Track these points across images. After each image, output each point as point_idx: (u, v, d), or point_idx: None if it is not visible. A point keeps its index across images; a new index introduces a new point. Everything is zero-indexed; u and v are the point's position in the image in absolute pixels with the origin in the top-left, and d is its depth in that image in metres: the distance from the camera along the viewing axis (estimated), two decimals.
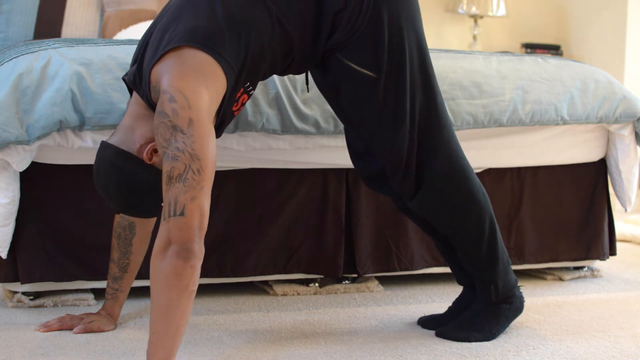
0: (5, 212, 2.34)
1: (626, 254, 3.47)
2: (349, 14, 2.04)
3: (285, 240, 2.64)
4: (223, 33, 1.92)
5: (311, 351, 2.14)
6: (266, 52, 2.00)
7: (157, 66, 1.91)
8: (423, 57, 2.15)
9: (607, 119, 2.86)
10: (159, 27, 2.00)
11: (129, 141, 2.00)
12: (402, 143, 2.13)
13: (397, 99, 2.11)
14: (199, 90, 1.86)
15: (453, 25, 5.26)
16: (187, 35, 1.91)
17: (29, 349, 2.08)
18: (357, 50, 2.07)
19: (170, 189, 1.81)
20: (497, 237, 2.27)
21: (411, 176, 2.18)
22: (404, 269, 2.77)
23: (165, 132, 1.83)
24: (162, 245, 1.81)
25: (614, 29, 4.88)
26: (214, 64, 1.90)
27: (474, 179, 2.24)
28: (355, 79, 2.09)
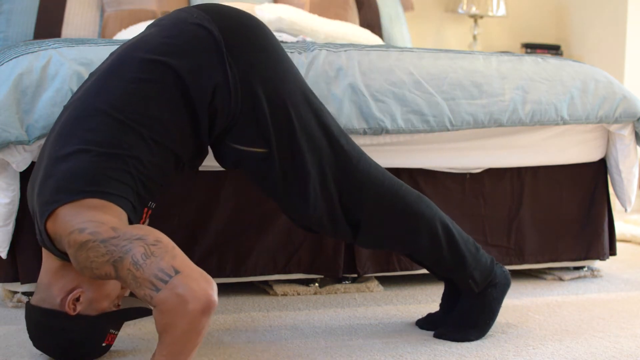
0: (6, 212, 2.34)
1: (626, 254, 3.47)
2: (221, 101, 1.99)
3: (285, 240, 2.64)
4: (104, 170, 1.86)
5: (311, 351, 2.14)
6: (152, 172, 1.94)
7: (51, 222, 1.83)
8: (312, 106, 2.10)
9: (607, 119, 2.86)
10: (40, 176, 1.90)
11: (49, 299, 1.92)
12: (316, 204, 2.10)
13: (295, 163, 2.07)
14: (104, 216, 1.80)
15: (453, 25, 5.27)
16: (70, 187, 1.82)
17: (29, 349, 2.08)
18: (242, 132, 2.03)
19: (147, 268, 1.69)
20: (454, 236, 2.23)
21: (342, 224, 2.15)
22: (404, 269, 2.77)
23: (99, 251, 1.74)
24: (176, 307, 1.67)
25: (614, 29, 4.89)
26: (108, 204, 1.83)
27: (409, 194, 2.20)
28: (249, 159, 2.06)
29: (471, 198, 2.84)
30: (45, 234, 1.85)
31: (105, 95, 1.95)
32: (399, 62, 2.67)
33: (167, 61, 1.98)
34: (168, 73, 1.98)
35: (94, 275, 1.77)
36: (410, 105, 2.61)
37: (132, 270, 1.70)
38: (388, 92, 2.60)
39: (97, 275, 1.77)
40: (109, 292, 1.95)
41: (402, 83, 2.62)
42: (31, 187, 1.97)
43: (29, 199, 1.99)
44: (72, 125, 1.93)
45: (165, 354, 1.72)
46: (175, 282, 1.68)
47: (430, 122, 2.63)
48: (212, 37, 2.01)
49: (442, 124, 2.64)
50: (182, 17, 2.08)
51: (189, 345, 1.72)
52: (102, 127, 1.90)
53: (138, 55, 2.00)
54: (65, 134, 1.92)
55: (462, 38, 5.26)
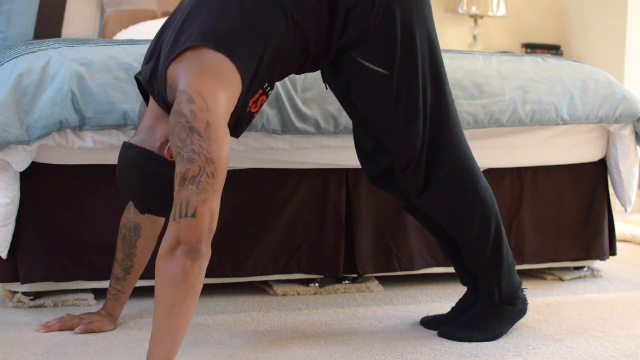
0: (5, 212, 2.34)
1: (626, 254, 3.47)
2: (361, 10, 2.05)
3: (285, 240, 2.64)
4: (239, 34, 1.93)
5: (311, 351, 2.14)
6: (282, 52, 2.01)
7: (174, 65, 1.91)
8: (434, 55, 2.15)
9: (607, 119, 2.86)
10: (173, 26, 2.00)
11: (150, 140, 2.00)
12: (414, 140, 2.14)
13: (409, 96, 2.11)
14: (217, 92, 1.87)
15: (453, 25, 5.27)
16: (204, 35, 1.91)
17: (29, 349, 2.08)
18: (370, 48, 2.08)
19: (183, 189, 1.81)
20: (502, 238, 2.27)
21: (420, 173, 2.18)
22: (404, 269, 2.77)
23: (181, 133, 1.84)
24: (170, 245, 1.81)
25: (614, 29, 4.88)
26: (231, 66, 1.90)
27: (482, 178, 2.25)
28: (368, 77, 2.10)
29: None
30: (164, 75, 1.92)
31: None
32: None
33: None
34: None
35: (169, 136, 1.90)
36: None
37: (178, 177, 1.82)
38: None
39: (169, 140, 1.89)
40: None
41: None
42: (161, 29, 2.04)
43: (150, 46, 2.06)
44: None
45: (158, 307, 1.80)
46: (183, 222, 1.80)
47: None
48: None
49: None
50: None
51: (178, 293, 1.79)
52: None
53: None
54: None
55: (462, 38, 5.26)
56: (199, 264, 1.81)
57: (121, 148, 2.03)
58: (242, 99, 1.96)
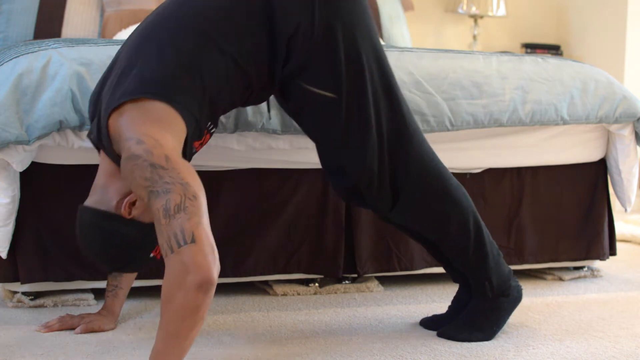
0: (5, 212, 2.34)
1: (626, 254, 3.47)
2: (301, 37, 2.02)
3: (285, 240, 2.64)
4: (177, 80, 1.89)
5: (311, 351, 2.14)
6: (223, 92, 1.98)
7: (114, 118, 1.86)
8: (383, 68, 2.13)
9: (607, 119, 2.86)
10: (110, 80, 1.96)
11: (105, 200, 1.95)
12: (371, 158, 2.11)
13: (360, 115, 2.08)
14: (164, 133, 1.83)
15: (453, 25, 5.26)
16: (141, 86, 1.87)
17: (29, 349, 2.08)
18: (315, 73, 2.05)
19: (172, 221, 1.73)
20: (483, 234, 2.25)
21: (386, 189, 2.16)
22: (404, 269, 2.77)
23: (143, 172, 1.77)
24: (178, 276, 1.71)
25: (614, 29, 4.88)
26: (173, 112, 1.87)
27: (451, 180, 2.23)
28: (316, 102, 2.07)
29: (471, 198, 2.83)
30: (106, 130, 1.88)
31: (190, 5, 1.98)
32: (399, 62, 2.67)
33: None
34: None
35: (130, 187, 1.82)
36: (410, 105, 2.61)
37: (161, 214, 1.74)
38: None
39: (133, 191, 1.81)
40: None
41: (402, 83, 2.62)
42: (96, 91, 2.00)
43: (90, 101, 2.02)
44: (153, 31, 1.96)
45: (163, 336, 1.73)
46: (186, 250, 1.71)
47: (430, 122, 2.63)
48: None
49: (442, 124, 2.64)
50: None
51: (186, 325, 1.72)
52: (184, 35, 1.93)
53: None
54: (145, 39, 1.95)
55: (462, 38, 5.26)
56: (210, 295, 1.74)
57: (78, 212, 1.99)
58: (189, 142, 1.93)
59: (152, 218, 1.91)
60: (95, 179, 1.99)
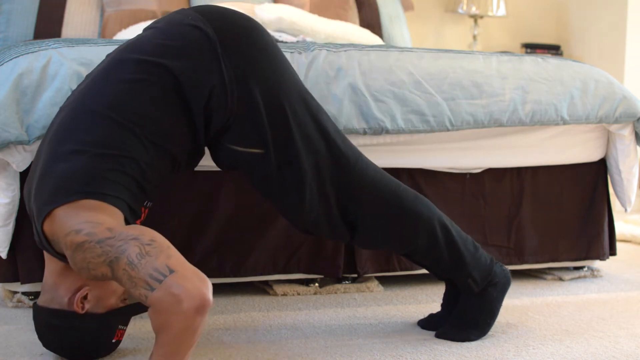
0: (5, 212, 2.34)
1: (626, 254, 3.47)
2: (217, 101, 1.99)
3: (285, 240, 2.64)
4: (100, 172, 1.86)
5: (311, 351, 2.14)
6: (149, 172, 1.95)
7: (48, 224, 1.84)
8: (309, 107, 2.10)
9: (607, 119, 2.86)
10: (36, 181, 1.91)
11: (57, 298, 1.93)
12: (310, 204, 2.10)
13: (292, 165, 2.06)
14: (100, 216, 1.81)
15: (453, 25, 5.27)
16: (67, 188, 1.83)
17: (29, 349, 2.08)
18: (238, 132, 2.03)
19: (141, 268, 1.70)
20: (452, 235, 2.23)
21: (338, 225, 2.15)
22: (404, 269, 2.77)
23: (94, 252, 1.75)
24: (171, 307, 1.68)
25: (614, 29, 4.88)
26: (104, 205, 1.84)
27: (405, 192, 2.19)
28: (245, 160, 2.06)
29: (471, 198, 2.84)
30: (43, 235, 1.86)
31: (100, 96, 1.95)
32: (399, 62, 2.67)
33: (163, 62, 1.98)
34: (164, 74, 1.98)
35: (91, 276, 1.78)
36: (410, 105, 2.61)
37: (128, 270, 1.71)
38: (388, 92, 2.60)
39: (94, 276, 1.78)
40: (115, 289, 1.96)
41: (402, 83, 2.62)
42: (27, 190, 1.97)
43: (26, 200, 2.00)
44: (67, 127, 1.93)
45: (161, 353, 1.72)
46: (169, 281, 1.68)
47: (430, 122, 2.63)
48: (207, 37, 2.01)
49: (442, 124, 2.64)
50: (177, 19, 2.08)
51: (185, 345, 1.72)
52: (97, 128, 1.91)
53: (133, 57, 2.00)
54: (60, 136, 1.93)
55: (462, 38, 5.26)
56: (207, 314, 1.73)
57: (33, 311, 1.98)
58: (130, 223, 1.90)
59: (106, 306, 1.94)
60: (44, 279, 1.97)
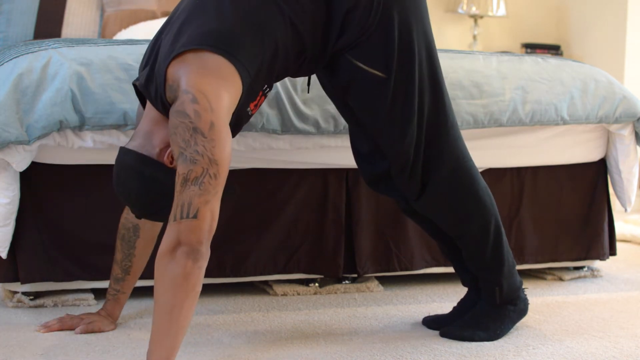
0: (5, 212, 2.34)
1: (626, 254, 3.47)
2: (360, 13, 2.04)
3: (285, 240, 2.64)
4: (239, 36, 1.92)
5: (311, 351, 2.14)
6: (280, 53, 2.00)
7: (174, 65, 1.90)
8: (431, 58, 2.15)
9: (607, 119, 2.86)
10: (169, 31, 1.99)
11: (148, 146, 1.99)
12: (410, 143, 2.13)
13: (406, 99, 2.10)
14: (220, 92, 1.86)
15: (453, 25, 5.27)
16: (204, 38, 1.90)
17: (29, 349, 2.08)
18: (367, 51, 2.07)
19: (185, 190, 1.81)
20: (502, 239, 2.27)
21: (417, 176, 2.18)
22: (404, 269, 2.77)
23: (184, 134, 1.83)
24: (170, 245, 1.80)
25: (614, 29, 4.88)
26: (232, 68, 1.89)
27: (480, 180, 2.25)
28: (364, 80, 2.09)
29: None
30: (163, 77, 1.90)
31: None
32: None
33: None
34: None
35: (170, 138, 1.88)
36: None
37: (179, 181, 1.82)
38: None
39: (170, 142, 1.88)
40: None
41: None
42: (154, 38, 2.03)
43: (146, 51, 2.04)
44: None
45: (158, 310, 1.80)
46: (184, 223, 1.79)
47: None
48: None
49: None
50: None
51: (178, 295, 1.79)
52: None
53: None
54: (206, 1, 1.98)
55: (462, 38, 5.26)
56: (199, 265, 1.81)
57: (118, 152, 2.02)
58: (243, 101, 1.96)
59: None
60: (139, 125, 2.03)
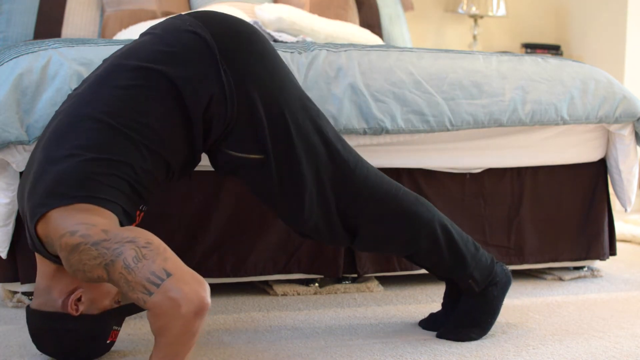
0: (6, 212, 2.34)
1: (626, 254, 3.47)
2: (216, 108, 1.98)
3: (285, 240, 2.64)
4: (95, 177, 1.85)
5: (311, 351, 2.14)
6: (143, 177, 1.93)
7: (42, 226, 1.83)
8: (310, 114, 2.09)
9: (607, 119, 2.86)
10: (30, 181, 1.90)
11: (50, 301, 1.92)
12: (310, 210, 2.10)
13: (292, 170, 2.06)
14: (95, 219, 1.79)
15: (453, 25, 5.27)
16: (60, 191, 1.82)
17: (29, 349, 2.08)
18: (238, 138, 2.02)
19: (138, 272, 1.69)
20: (454, 237, 2.23)
21: (339, 231, 2.15)
22: (404, 269, 2.77)
23: (90, 254, 1.74)
24: (170, 311, 1.68)
25: (614, 29, 4.89)
26: (98, 208, 1.82)
27: (406, 196, 2.19)
28: (245, 166, 2.05)
29: (471, 198, 2.84)
30: (36, 237, 1.85)
31: (97, 102, 1.93)
32: (399, 62, 2.67)
33: (161, 69, 1.96)
34: (161, 80, 1.96)
35: (86, 278, 1.77)
36: (410, 105, 2.61)
37: (124, 274, 1.70)
38: (388, 92, 2.60)
39: (90, 278, 1.77)
40: (109, 290, 1.95)
41: (402, 83, 2.62)
42: (21, 192, 1.96)
43: (18, 202, 1.99)
44: (62, 131, 1.92)
45: (161, 356, 1.73)
46: (167, 285, 1.67)
47: (430, 122, 2.63)
48: (205, 43, 2.00)
49: (442, 124, 2.64)
50: (176, 24, 2.06)
51: (184, 348, 1.73)
52: (92, 133, 1.89)
53: (130, 63, 1.98)
54: (55, 140, 1.91)
55: (462, 38, 5.26)
56: (205, 317, 1.73)
57: (26, 314, 1.96)
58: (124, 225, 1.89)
59: (100, 308, 1.93)
60: (37, 282, 1.95)
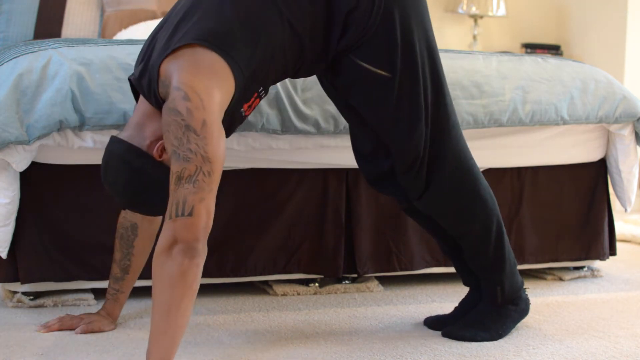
0: (5, 212, 2.34)
1: (626, 254, 3.47)
2: (361, 13, 2.03)
3: (285, 240, 2.64)
4: (235, 35, 1.92)
5: (311, 351, 2.14)
6: (277, 55, 2.00)
7: (168, 61, 1.90)
8: (433, 58, 2.15)
9: (607, 119, 2.86)
10: (167, 26, 1.99)
11: (138, 137, 1.99)
12: (418, 141, 2.13)
13: (412, 97, 2.10)
14: (212, 90, 1.86)
15: (453, 25, 5.27)
16: (200, 34, 1.90)
17: (29, 349, 2.08)
18: (371, 51, 2.07)
19: (179, 189, 1.81)
20: (504, 238, 2.27)
21: (421, 175, 2.18)
22: (404, 269, 2.77)
23: (177, 131, 1.83)
24: (166, 244, 1.81)
25: (614, 29, 4.88)
26: (225, 66, 1.89)
27: (482, 179, 2.25)
28: (369, 80, 2.09)
29: None
30: (157, 72, 1.90)
31: None
32: None
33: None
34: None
35: (164, 136, 1.88)
36: None
37: (174, 178, 1.82)
38: None
39: (164, 139, 1.87)
40: None
41: None
42: (151, 35, 2.03)
43: (143, 48, 2.04)
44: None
45: (156, 309, 1.80)
46: (180, 221, 1.80)
47: None
48: None
49: None
50: None
51: (176, 293, 1.79)
52: None
53: None
54: None
55: (462, 38, 5.26)
56: (196, 262, 1.81)
57: (109, 141, 2.02)
58: (236, 101, 1.95)
59: None
60: (132, 117, 2.04)
